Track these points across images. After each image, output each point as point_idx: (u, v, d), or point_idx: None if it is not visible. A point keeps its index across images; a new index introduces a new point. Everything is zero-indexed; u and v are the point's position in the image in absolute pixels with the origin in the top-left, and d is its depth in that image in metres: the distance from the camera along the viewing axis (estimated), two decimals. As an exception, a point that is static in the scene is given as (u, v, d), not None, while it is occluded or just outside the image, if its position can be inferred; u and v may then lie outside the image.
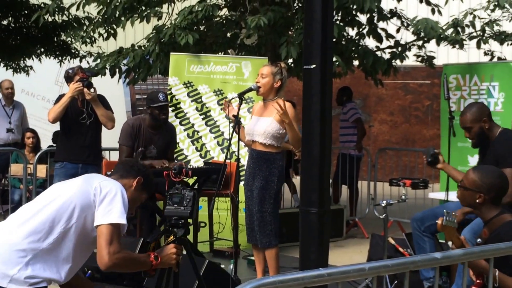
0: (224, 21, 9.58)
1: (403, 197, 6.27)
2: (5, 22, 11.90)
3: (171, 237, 4.55)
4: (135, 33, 14.16)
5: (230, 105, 6.57)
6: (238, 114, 6.24)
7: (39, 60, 12.39)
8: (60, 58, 12.16)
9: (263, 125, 6.29)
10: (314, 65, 3.46)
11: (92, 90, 7.44)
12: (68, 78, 7.62)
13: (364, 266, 2.79)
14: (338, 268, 2.77)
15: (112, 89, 12.10)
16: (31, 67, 12.61)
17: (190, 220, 4.60)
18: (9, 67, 12.43)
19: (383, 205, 6.18)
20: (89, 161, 7.62)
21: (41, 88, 14.84)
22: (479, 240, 4.64)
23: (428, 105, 16.35)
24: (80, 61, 12.09)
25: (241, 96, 6.33)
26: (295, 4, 9.24)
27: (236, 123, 6.18)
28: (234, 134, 6.23)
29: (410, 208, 10.16)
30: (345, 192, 11.04)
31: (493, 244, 3.75)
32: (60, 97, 7.60)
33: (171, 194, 4.57)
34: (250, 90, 6.42)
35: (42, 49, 12.17)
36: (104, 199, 4.03)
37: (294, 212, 9.42)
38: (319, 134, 3.48)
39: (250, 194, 6.37)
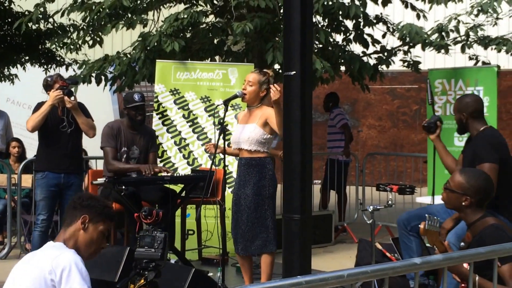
0: (211, 28, 9.62)
1: (389, 202, 6.36)
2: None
3: (142, 281, 4.48)
4: (122, 41, 14.19)
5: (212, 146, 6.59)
6: (224, 121, 6.30)
7: (24, 68, 12.36)
8: (45, 66, 12.13)
9: (247, 132, 6.35)
10: (294, 72, 3.52)
11: (72, 98, 7.40)
12: (47, 86, 7.57)
13: (343, 273, 2.84)
14: (316, 276, 2.81)
15: (99, 96, 12.17)
16: (16, 76, 12.58)
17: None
18: (-7, 76, 12.42)
19: (370, 210, 6.26)
20: (71, 170, 7.59)
21: (27, 97, 14.74)
22: (462, 244, 4.71)
23: (416, 109, 16.46)
24: (66, 69, 12.07)
25: (226, 103, 6.38)
26: (281, 11, 9.31)
27: (222, 129, 6.24)
28: (222, 141, 6.29)
29: (399, 212, 10.10)
30: (333, 198, 11.12)
31: (472, 249, 3.81)
32: (39, 105, 7.52)
33: (142, 236, 4.52)
34: (235, 97, 6.48)
35: (27, 57, 12.13)
36: (61, 280, 3.84)
37: (313, 216, 9.59)
38: (299, 141, 3.54)
39: (238, 204, 6.38)
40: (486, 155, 5.75)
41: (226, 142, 6.39)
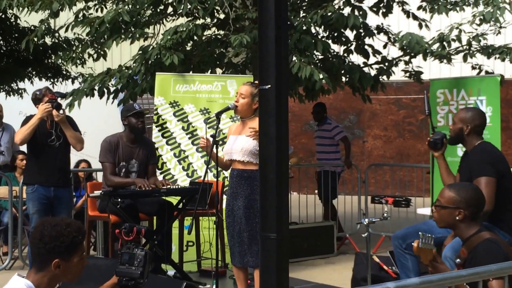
0: (210, 40, 9.41)
1: (385, 215, 6.10)
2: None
3: None
4: (130, 53, 14.02)
5: (208, 141, 6.35)
6: (216, 134, 6.08)
7: (31, 82, 12.24)
8: (52, 80, 12.01)
9: (240, 143, 6.12)
10: (269, 85, 3.26)
11: (61, 111, 7.27)
12: (36, 100, 7.44)
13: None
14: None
15: (107, 109, 11.99)
16: (24, 90, 12.45)
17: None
18: (1, 90, 12.28)
19: (365, 223, 6.00)
20: (60, 184, 7.45)
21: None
22: (458, 260, 4.44)
23: (422, 119, 16.19)
24: (72, 82, 11.98)
25: (218, 115, 6.17)
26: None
27: (213, 142, 6.02)
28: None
29: (401, 222, 9.94)
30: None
31: (453, 272, 3.55)
32: (28, 118, 7.39)
33: (122, 253, 4.25)
34: (228, 109, 6.27)
35: (34, 72, 12.01)
36: None
37: (313, 227, 9.45)
38: (275, 157, 3.28)
39: (231, 215, 6.16)
40: (482, 169, 5.52)
41: (219, 154, 6.17)
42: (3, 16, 11.37)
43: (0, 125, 10.45)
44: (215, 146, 6.07)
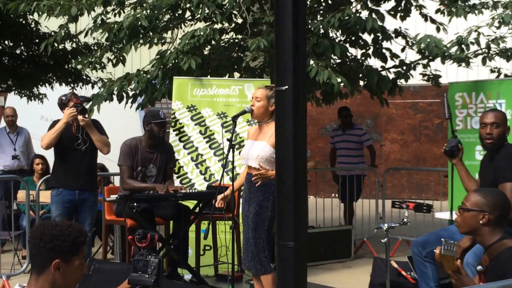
0: (227, 44, 9.19)
1: (405, 220, 5.84)
2: (17, 51, 11.62)
3: None
4: (149, 58, 13.84)
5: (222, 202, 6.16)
6: (232, 138, 5.87)
7: (51, 87, 12.08)
8: (72, 85, 11.85)
9: (257, 149, 5.89)
10: (286, 87, 3.02)
11: (86, 115, 7.19)
12: (62, 104, 7.35)
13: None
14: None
15: (128, 114, 11.80)
16: (45, 95, 12.30)
17: None
18: (23, 95, 12.14)
19: (384, 228, 5.75)
20: (86, 187, 7.32)
21: (61, 114, 14.52)
22: (479, 267, 4.18)
23: (438, 123, 15.90)
24: (92, 87, 11.81)
25: (234, 118, 5.98)
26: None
27: (230, 147, 5.80)
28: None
29: (419, 226, 9.71)
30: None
31: (482, 285, 3.28)
32: (55, 123, 7.32)
33: (136, 260, 4.01)
34: (244, 112, 6.05)
35: (54, 77, 11.86)
36: None
37: (330, 231, 9.21)
38: (292, 161, 3.02)
39: (246, 220, 5.95)
40: (509, 174, 5.22)
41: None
42: (23, 21, 11.22)
43: (15, 130, 10.32)
44: (231, 150, 5.86)
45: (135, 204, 6.68)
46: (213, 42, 8.95)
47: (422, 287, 5.82)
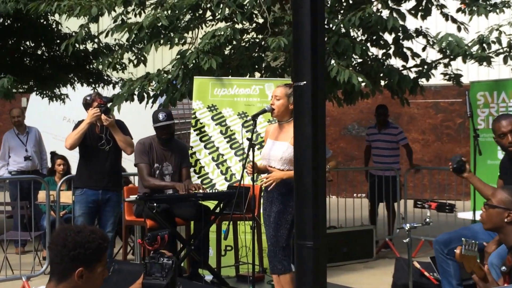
0: (248, 44, 9.12)
1: (427, 220, 5.75)
2: (39, 52, 11.63)
3: None
4: (171, 58, 13.81)
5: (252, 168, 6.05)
6: (252, 137, 5.79)
7: (73, 88, 12.09)
8: (93, 85, 11.84)
9: (279, 150, 5.81)
10: (304, 82, 2.93)
11: (109, 115, 7.23)
12: (87, 105, 7.39)
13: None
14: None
15: (150, 114, 11.77)
16: (67, 95, 12.30)
17: None
18: (44, 96, 12.14)
19: (406, 228, 5.66)
20: (109, 187, 7.35)
21: (82, 115, 14.52)
22: (503, 268, 4.08)
23: (460, 123, 15.73)
24: (113, 87, 11.78)
25: (255, 117, 5.92)
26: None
27: (250, 146, 5.73)
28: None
29: (441, 226, 9.56)
30: (381, 212, 10.44)
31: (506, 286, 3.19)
32: (79, 123, 7.36)
33: (147, 264, 3.87)
34: (264, 111, 5.98)
35: (76, 77, 11.86)
36: None
37: (352, 231, 9.14)
38: (311, 160, 2.93)
39: (268, 219, 5.88)
40: None
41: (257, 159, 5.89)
42: (44, 22, 11.22)
43: (24, 130, 10.29)
44: (251, 149, 5.78)
45: (155, 204, 6.60)
46: (234, 42, 8.90)
47: (444, 285, 5.73)
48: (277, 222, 5.77)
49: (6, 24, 11.12)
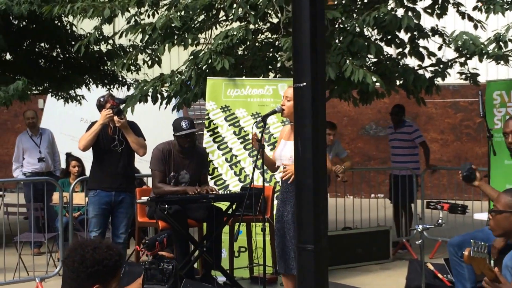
0: (261, 44, 9.10)
1: (439, 221, 5.70)
2: (54, 54, 11.68)
3: None
4: (186, 58, 13.83)
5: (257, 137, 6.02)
6: (262, 139, 5.77)
7: (88, 89, 12.13)
8: (108, 86, 11.87)
9: (289, 149, 5.77)
10: (304, 83, 2.90)
11: (122, 117, 7.25)
12: (100, 106, 7.43)
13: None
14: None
15: (166, 115, 11.79)
16: (82, 96, 12.35)
17: None
18: (60, 97, 12.20)
19: (419, 229, 5.61)
20: (122, 188, 7.38)
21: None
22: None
23: (479, 122, 15.60)
24: (128, 89, 11.81)
25: (265, 118, 5.93)
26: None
27: (260, 147, 5.71)
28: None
29: (459, 228, 9.50)
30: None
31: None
32: (92, 124, 7.41)
33: (147, 269, 3.77)
34: (274, 112, 5.99)
35: (90, 79, 11.90)
36: None
37: (368, 232, 9.12)
38: (311, 161, 2.90)
39: (281, 221, 5.86)
40: None
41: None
42: (59, 24, 11.27)
43: (37, 132, 10.35)
44: (261, 150, 5.77)
45: (166, 206, 6.59)
46: (248, 42, 8.88)
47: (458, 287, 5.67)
48: (289, 222, 5.77)
49: (21, 26, 11.17)
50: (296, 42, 3.02)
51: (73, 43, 11.15)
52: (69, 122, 14.99)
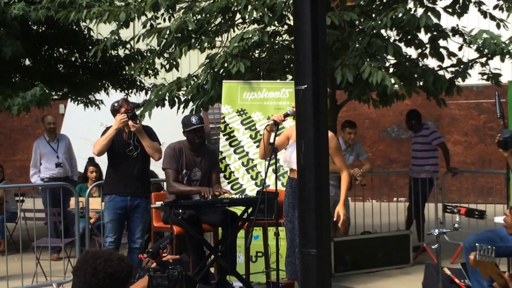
0: (278, 47, 9.05)
1: (455, 225, 5.62)
2: (72, 59, 11.74)
3: None
4: (198, 63, 13.82)
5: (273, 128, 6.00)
6: (274, 142, 5.74)
7: (107, 93, 12.18)
8: (126, 91, 11.91)
9: None
10: (305, 86, 2.86)
11: (137, 121, 7.22)
12: (114, 111, 7.42)
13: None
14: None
15: (176, 118, 11.81)
16: (101, 101, 12.39)
17: None
18: (79, 102, 12.25)
19: (435, 234, 5.54)
20: (137, 193, 7.37)
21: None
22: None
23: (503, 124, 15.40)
24: (146, 93, 11.83)
25: (277, 121, 5.81)
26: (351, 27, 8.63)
27: (272, 150, 5.67)
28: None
29: (481, 231, 9.34)
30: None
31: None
32: (107, 129, 7.39)
33: (152, 277, 3.78)
34: (287, 115, 5.92)
35: (109, 83, 11.94)
36: None
37: (388, 236, 9.04)
38: (313, 164, 2.86)
39: (291, 226, 5.82)
40: None
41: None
42: (76, 29, 11.32)
43: (55, 137, 10.43)
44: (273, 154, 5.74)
45: (180, 211, 6.58)
46: (267, 45, 8.84)
47: (474, 286, 5.57)
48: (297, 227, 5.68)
49: (39, 31, 11.24)
50: (298, 44, 2.99)
51: (90, 48, 11.21)
52: (90, 126, 15.04)
